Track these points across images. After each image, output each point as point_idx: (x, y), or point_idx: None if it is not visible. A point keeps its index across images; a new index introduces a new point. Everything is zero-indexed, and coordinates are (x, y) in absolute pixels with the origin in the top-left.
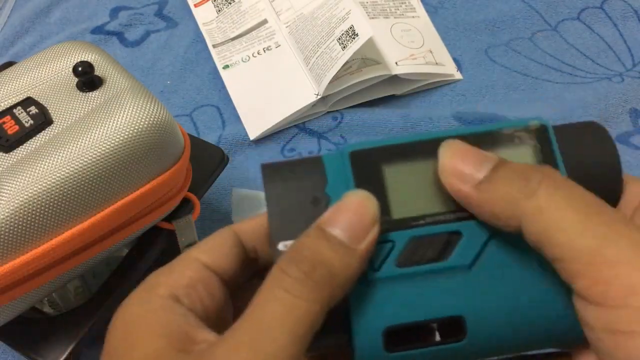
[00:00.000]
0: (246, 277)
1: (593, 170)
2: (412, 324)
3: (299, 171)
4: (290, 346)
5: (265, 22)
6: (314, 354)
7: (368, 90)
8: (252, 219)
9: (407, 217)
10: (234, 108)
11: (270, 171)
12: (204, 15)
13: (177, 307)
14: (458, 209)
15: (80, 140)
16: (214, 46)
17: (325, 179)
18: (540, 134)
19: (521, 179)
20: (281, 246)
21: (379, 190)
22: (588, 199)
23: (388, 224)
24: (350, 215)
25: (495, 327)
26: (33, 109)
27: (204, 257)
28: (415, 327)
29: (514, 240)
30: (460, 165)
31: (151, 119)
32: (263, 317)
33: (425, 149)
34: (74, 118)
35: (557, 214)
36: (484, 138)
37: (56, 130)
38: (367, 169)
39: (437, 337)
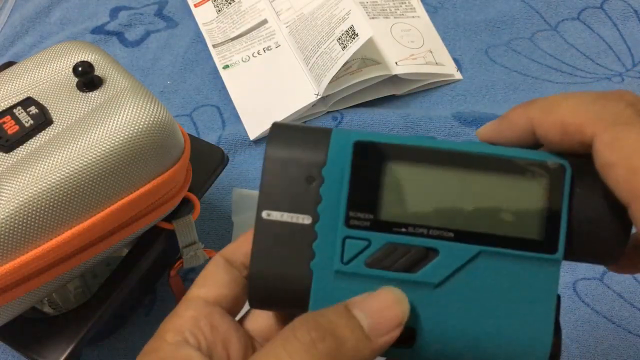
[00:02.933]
0: None
1: (597, 224)
2: None
3: (304, 142)
4: None
5: (265, 22)
6: None
7: (368, 90)
8: (235, 242)
9: (392, 221)
10: (234, 108)
11: (277, 133)
12: (204, 15)
13: (182, 350)
14: (445, 227)
15: (80, 140)
16: (214, 46)
17: (325, 159)
18: (556, 175)
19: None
20: (264, 214)
21: (373, 186)
22: None
23: (370, 222)
24: (382, 308)
25: (445, 348)
26: (33, 109)
27: (203, 293)
28: None
29: (492, 272)
30: None
31: (151, 119)
32: None
33: (434, 156)
34: (74, 118)
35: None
36: (496, 162)
37: (56, 130)
38: (368, 161)
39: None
